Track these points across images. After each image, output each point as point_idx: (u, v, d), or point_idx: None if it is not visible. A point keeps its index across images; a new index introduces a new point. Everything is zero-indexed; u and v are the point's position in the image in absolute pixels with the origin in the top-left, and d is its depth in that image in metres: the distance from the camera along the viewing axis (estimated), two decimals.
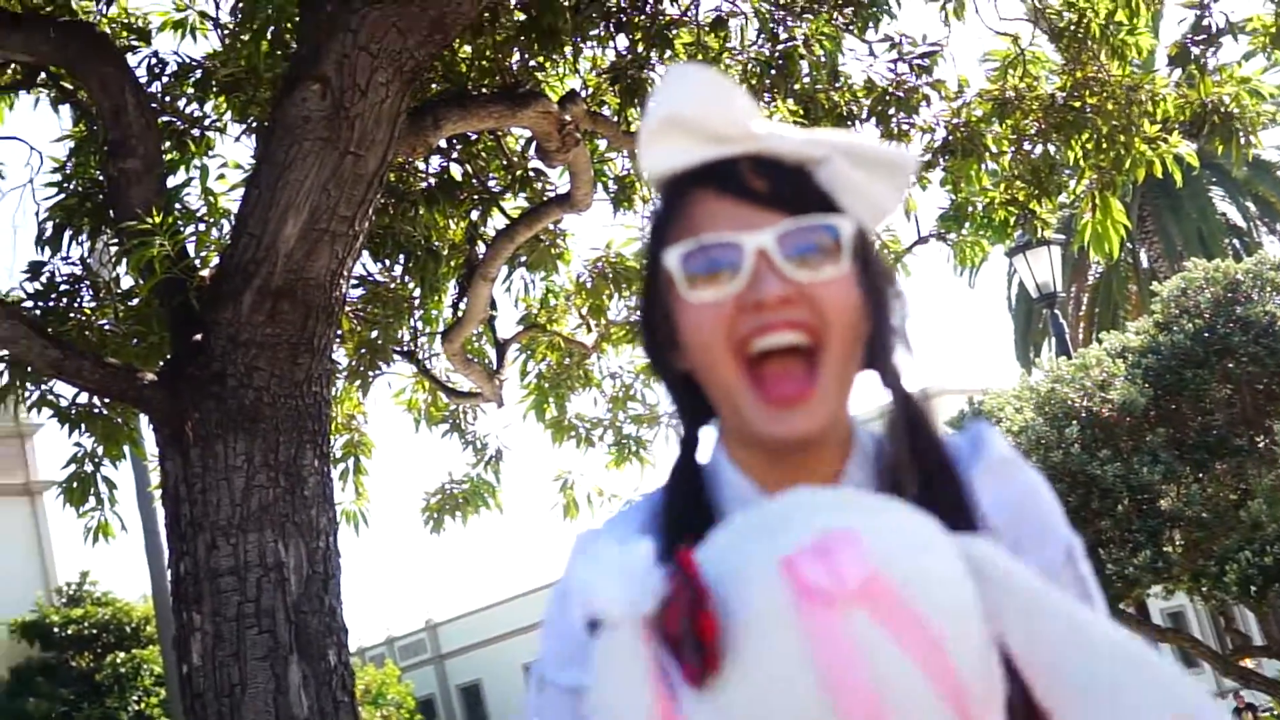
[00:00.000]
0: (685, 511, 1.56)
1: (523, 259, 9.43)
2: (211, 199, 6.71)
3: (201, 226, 6.66)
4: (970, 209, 9.25)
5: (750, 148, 1.56)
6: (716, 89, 1.55)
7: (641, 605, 1.25)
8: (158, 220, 5.85)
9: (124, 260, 6.40)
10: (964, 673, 1.24)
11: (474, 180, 8.84)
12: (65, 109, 7.68)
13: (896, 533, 1.29)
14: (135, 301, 6.69)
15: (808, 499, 1.34)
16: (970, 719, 1.25)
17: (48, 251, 7.31)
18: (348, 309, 8.29)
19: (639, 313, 1.69)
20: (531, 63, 8.09)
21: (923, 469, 1.57)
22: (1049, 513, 1.70)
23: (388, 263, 8.66)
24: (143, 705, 27.55)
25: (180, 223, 6.27)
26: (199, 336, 5.94)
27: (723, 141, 1.55)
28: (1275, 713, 19.57)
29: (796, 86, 8.32)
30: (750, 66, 8.35)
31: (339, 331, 6.75)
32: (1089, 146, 8.73)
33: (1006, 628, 1.30)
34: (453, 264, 8.87)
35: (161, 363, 6.37)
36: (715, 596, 1.25)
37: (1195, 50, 8.66)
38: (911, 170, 1.62)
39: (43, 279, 7.26)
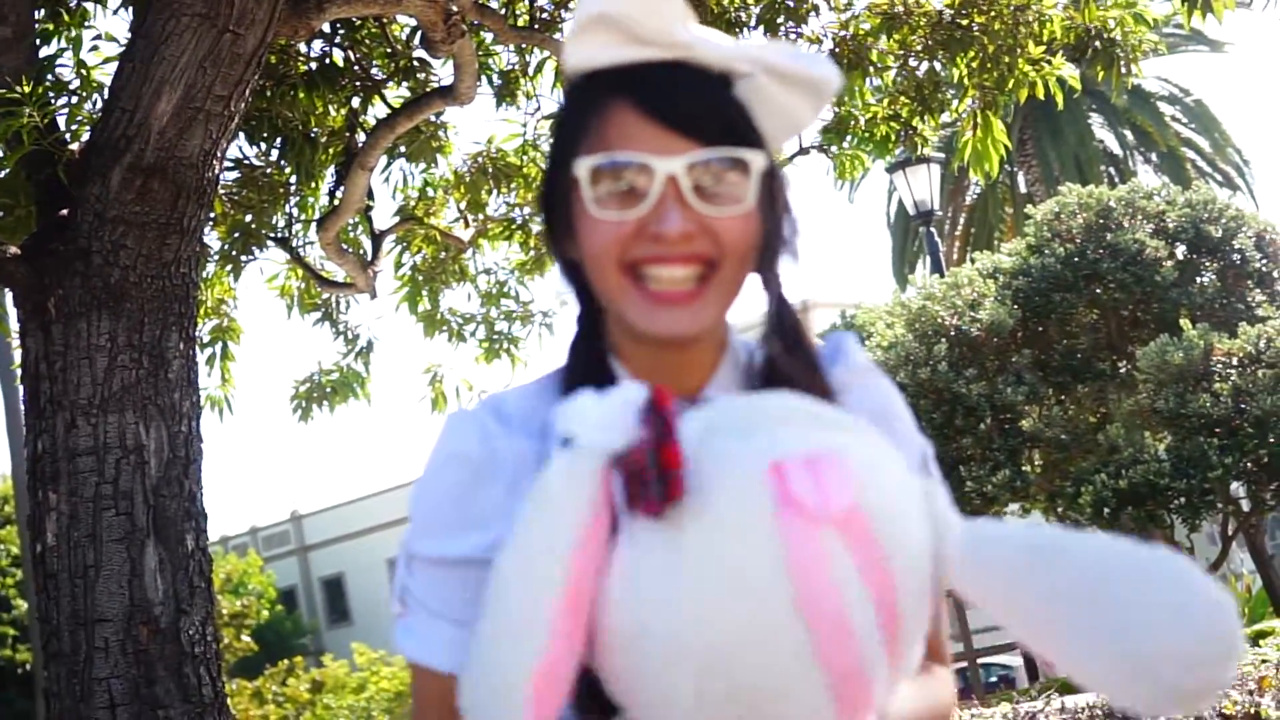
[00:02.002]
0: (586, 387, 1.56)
1: (402, 150, 9.32)
2: (85, 71, 6.54)
3: (73, 99, 6.49)
4: (853, 123, 9.26)
5: (676, 54, 1.55)
6: None
7: (616, 441, 1.28)
8: (27, 90, 5.69)
9: None
10: (903, 611, 1.29)
11: (356, 67, 8.69)
12: None
13: (878, 466, 1.32)
14: (1, 173, 6.52)
15: (800, 406, 1.37)
16: (896, 653, 1.30)
17: None
18: (221, 192, 8.15)
19: (540, 200, 1.68)
20: None
21: (793, 374, 1.59)
22: (906, 419, 1.74)
23: (264, 146, 8.52)
24: None
25: (51, 94, 6.12)
26: (65, 212, 5.81)
27: (648, 44, 1.54)
28: None
29: None
30: None
31: (211, 214, 6.63)
32: (974, 65, 8.77)
33: (951, 569, 1.33)
34: (331, 151, 8.74)
35: (26, 237, 6.22)
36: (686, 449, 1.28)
37: None
38: (834, 89, 1.62)
39: None
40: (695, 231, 1.51)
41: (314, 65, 8.41)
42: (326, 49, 8.58)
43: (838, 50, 8.79)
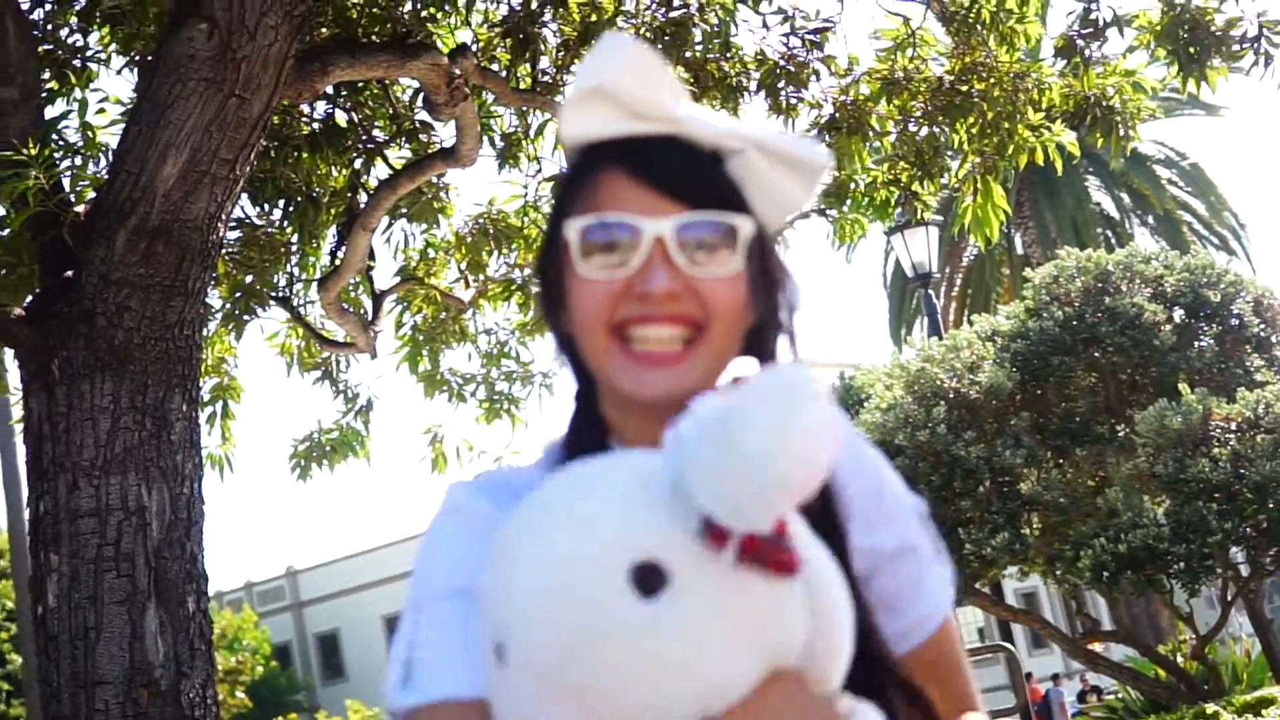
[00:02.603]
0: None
1: (404, 210, 9.36)
2: (90, 133, 6.57)
3: (78, 160, 6.52)
4: (852, 186, 9.31)
5: (668, 129, 1.58)
6: (643, 65, 1.56)
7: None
8: (33, 152, 5.72)
9: None
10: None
11: (359, 128, 8.74)
12: None
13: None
14: (5, 233, 6.54)
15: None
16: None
17: None
18: (224, 252, 8.18)
19: (536, 271, 1.70)
20: (423, 13, 8.00)
21: None
22: (896, 485, 1.76)
23: (267, 207, 8.56)
24: None
25: (56, 155, 6.14)
26: (70, 273, 5.83)
27: (642, 118, 1.57)
28: (1119, 695, 19.98)
29: (688, 54, 8.32)
30: (643, 31, 8.34)
31: (214, 274, 6.66)
32: (974, 130, 8.83)
33: None
34: (333, 212, 8.78)
35: (29, 296, 6.23)
36: None
37: (1081, 43, 8.77)
38: (825, 170, 1.63)
39: None
40: (681, 291, 1.52)
41: (317, 126, 8.46)
42: (330, 110, 8.63)
43: (838, 115, 8.85)
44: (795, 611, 1.33)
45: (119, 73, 7.66)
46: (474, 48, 8.14)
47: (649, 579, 1.27)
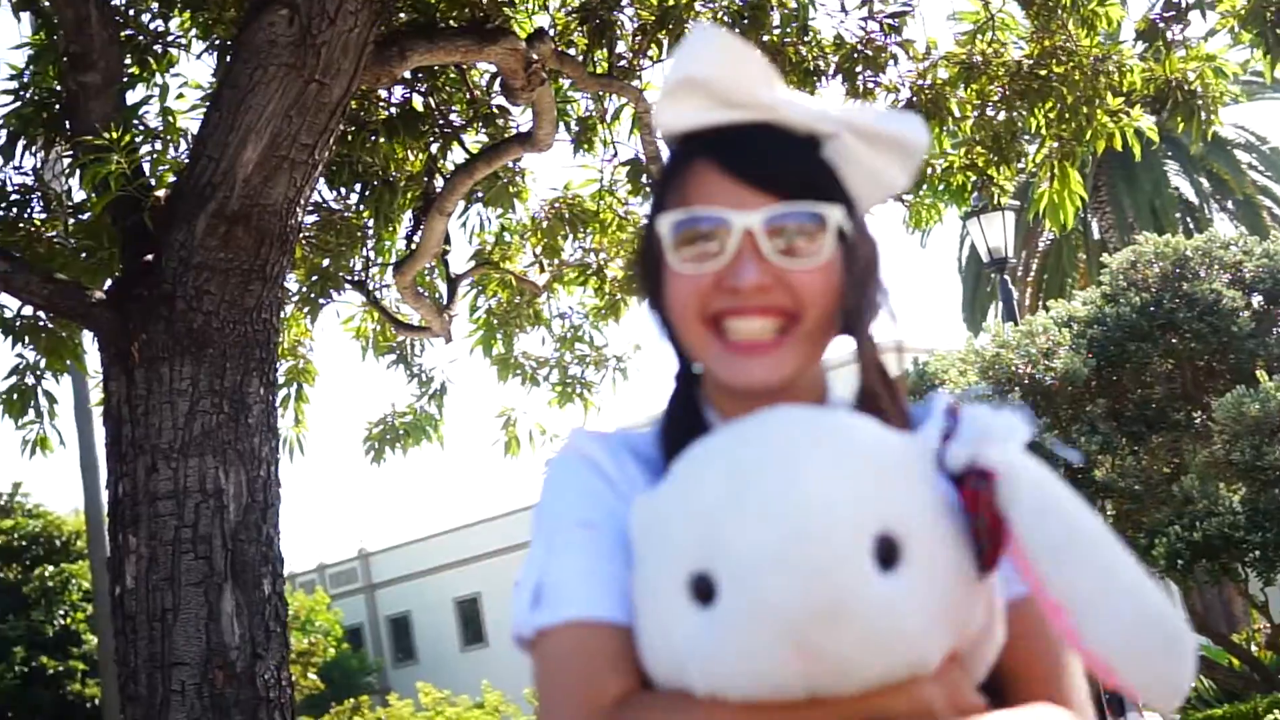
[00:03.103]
0: (686, 437, 1.56)
1: (480, 195, 9.37)
2: (170, 118, 6.62)
3: (159, 145, 6.57)
4: (929, 171, 9.24)
5: (761, 115, 1.58)
6: (733, 54, 1.57)
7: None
8: (115, 136, 5.76)
9: (77, 174, 6.31)
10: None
11: (436, 113, 8.76)
12: (26, 15, 7.55)
13: None
14: (86, 216, 6.60)
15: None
16: None
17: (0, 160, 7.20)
18: (300, 236, 8.23)
19: (636, 260, 1.72)
20: None
21: None
22: None
23: (343, 191, 8.60)
24: (68, 620, 27.46)
25: (138, 140, 6.19)
26: (150, 257, 5.88)
27: (734, 106, 1.57)
28: (1192, 685, 19.85)
29: (765, 38, 8.28)
30: (720, 15, 8.31)
31: (291, 258, 6.70)
32: (1051, 115, 8.74)
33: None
34: (409, 196, 8.80)
35: (109, 280, 6.29)
36: None
37: (1163, 25, 8.67)
38: (923, 150, 1.63)
39: None
40: (771, 284, 1.53)
41: (394, 111, 8.49)
42: (407, 95, 8.65)
43: (915, 99, 8.79)
44: (981, 603, 1.42)
45: (199, 58, 7.71)
46: (551, 32, 8.13)
47: (888, 551, 1.33)
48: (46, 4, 7.03)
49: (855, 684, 1.32)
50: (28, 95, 7.18)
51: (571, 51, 8.42)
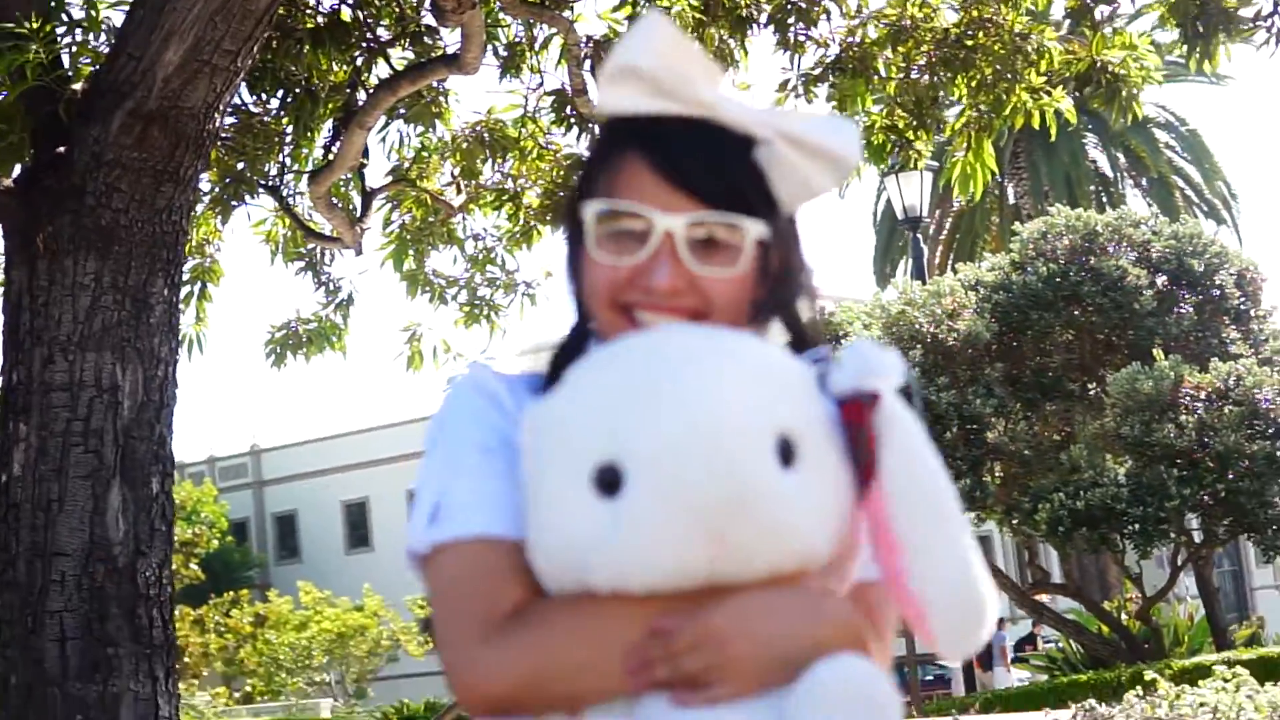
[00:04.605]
0: None
1: (402, 111, 9.32)
2: (94, 10, 6.55)
3: (79, 35, 6.49)
4: None
5: (698, 112, 1.61)
6: (678, 47, 1.60)
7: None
8: (35, 26, 5.70)
9: None
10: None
11: (364, 26, 8.70)
12: None
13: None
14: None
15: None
16: None
17: None
18: (217, 138, 8.16)
19: (562, 220, 1.74)
20: None
21: None
22: None
23: (264, 96, 8.52)
24: None
25: (59, 30, 6.12)
26: (62, 150, 5.83)
27: (672, 99, 1.60)
28: (1059, 645, 20.20)
29: None
30: None
31: (206, 162, 6.66)
32: (973, 85, 8.81)
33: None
34: (330, 107, 8.73)
35: (18, 167, 6.23)
36: None
37: (1092, 4, 8.76)
38: (854, 163, 1.67)
39: None
40: (684, 288, 1.57)
41: (322, 20, 8.41)
42: (336, 5, 8.58)
43: (844, 56, 8.82)
44: (849, 510, 1.49)
45: None
46: None
47: (786, 450, 1.41)
48: None
49: (752, 573, 1.41)
50: None
51: None
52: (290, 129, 8.73)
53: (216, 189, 8.95)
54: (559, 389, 1.51)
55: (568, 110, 9.20)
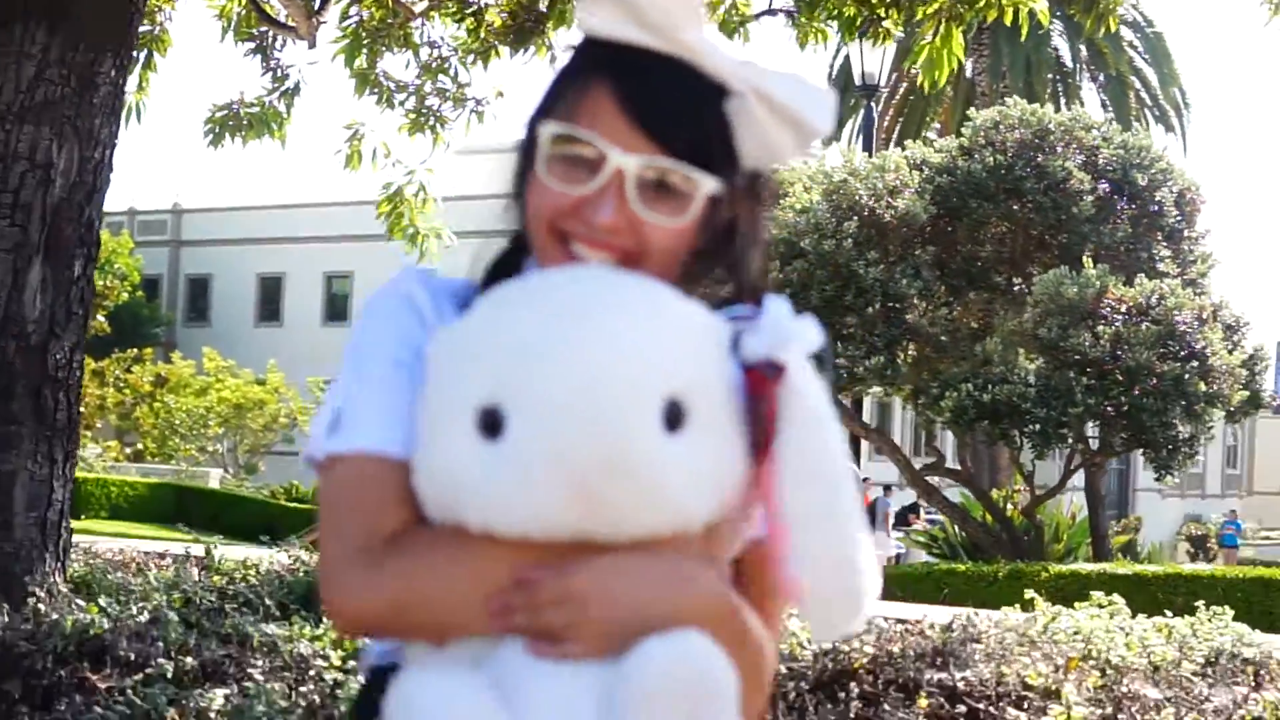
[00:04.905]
0: None
1: None
2: None
3: None
4: None
5: (676, 51, 1.56)
6: None
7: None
8: None
9: None
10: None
11: None
12: None
13: None
14: None
15: None
16: None
17: None
18: None
19: (521, 135, 1.67)
20: None
21: None
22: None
23: None
24: None
25: None
26: None
27: (654, 33, 1.55)
28: (942, 525, 20.53)
29: None
30: None
31: None
32: None
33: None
34: None
35: None
36: None
37: None
38: (822, 134, 1.63)
39: None
40: (624, 227, 1.54)
41: None
42: None
43: None
44: (743, 483, 1.46)
45: None
46: None
47: (674, 415, 1.37)
48: None
49: (624, 535, 1.39)
50: None
51: None
52: None
53: None
54: (468, 315, 1.49)
55: None
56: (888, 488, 31.10)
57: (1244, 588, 11.82)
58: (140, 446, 38.31)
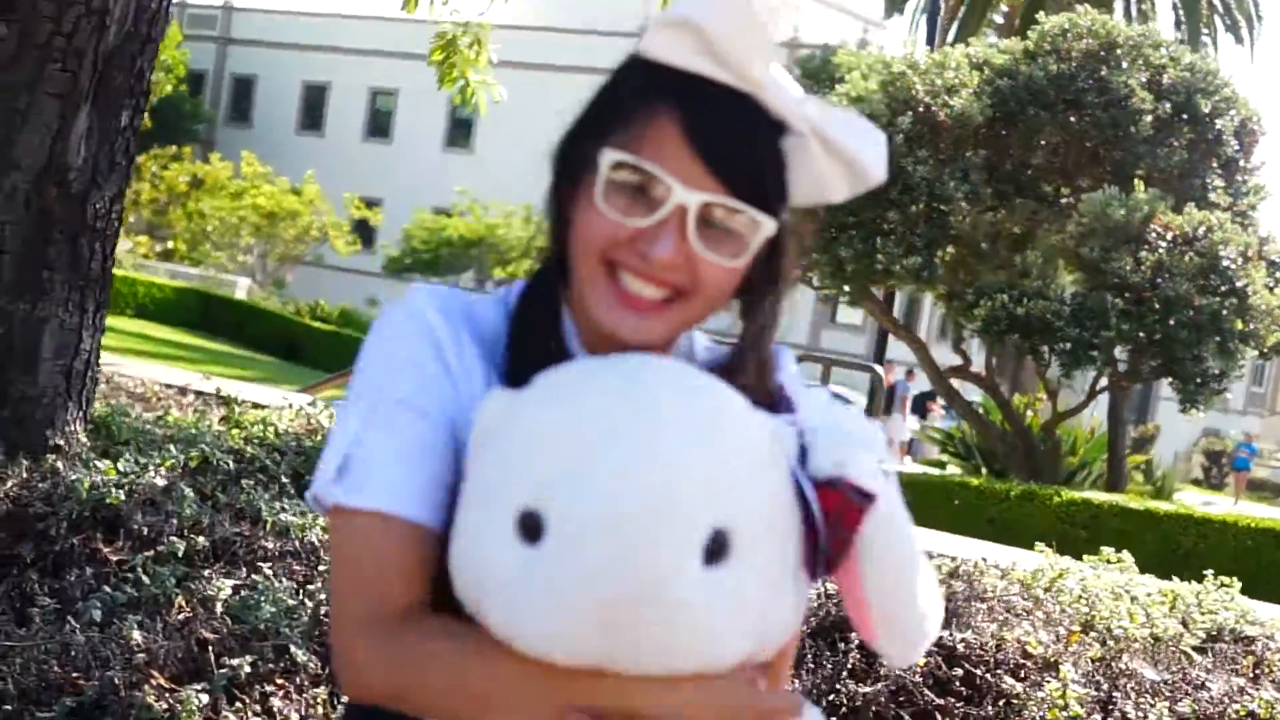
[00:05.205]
0: (533, 348, 1.59)
1: None
2: None
3: None
4: None
5: (743, 86, 1.54)
6: (745, 16, 1.52)
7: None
8: None
9: None
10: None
11: None
12: None
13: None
14: None
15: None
16: None
17: None
18: None
19: (557, 151, 1.65)
20: None
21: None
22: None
23: None
24: None
25: None
26: None
27: (722, 66, 1.53)
28: (960, 425, 20.56)
29: None
30: None
31: None
32: None
33: None
34: None
35: None
36: None
37: None
38: (874, 182, 1.61)
39: None
40: (681, 264, 1.52)
41: None
42: None
43: None
44: (794, 611, 1.45)
45: None
46: None
47: (718, 548, 1.32)
48: None
49: (645, 669, 1.34)
50: None
51: None
52: None
53: None
54: (526, 394, 1.43)
55: None
56: (910, 371, 31.16)
57: (1255, 537, 11.83)
58: (171, 246, 38.41)
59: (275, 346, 29.60)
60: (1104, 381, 16.74)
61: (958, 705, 4.67)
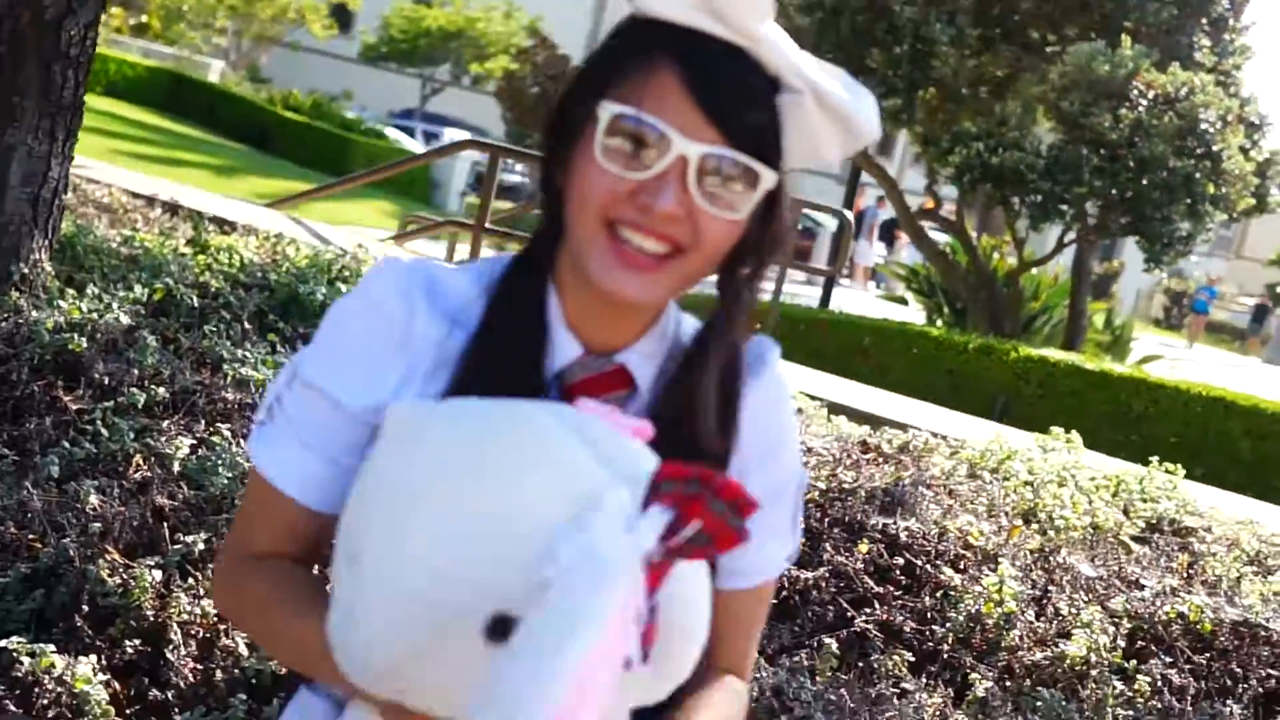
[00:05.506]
0: (510, 334, 1.64)
1: None
2: None
3: None
4: None
5: (740, 41, 1.54)
6: None
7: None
8: None
9: None
10: None
11: None
12: None
13: None
14: None
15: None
16: None
17: None
18: None
19: (554, 107, 1.65)
20: None
21: (707, 371, 1.69)
22: (793, 448, 1.84)
23: None
24: None
25: None
26: None
27: (720, 21, 1.53)
28: (925, 263, 20.55)
29: None
30: None
31: None
32: None
33: None
34: None
35: None
36: None
37: None
38: (868, 140, 1.61)
39: None
40: (681, 216, 1.53)
41: None
42: None
43: None
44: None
45: None
46: None
47: (500, 629, 1.29)
48: None
49: (435, 713, 1.38)
50: None
51: None
52: None
53: None
54: (421, 412, 1.42)
55: None
56: (880, 198, 31.10)
57: (1204, 404, 11.97)
58: (145, 20, 37.73)
59: (245, 133, 29.28)
60: (1071, 235, 16.74)
61: (896, 595, 4.74)
